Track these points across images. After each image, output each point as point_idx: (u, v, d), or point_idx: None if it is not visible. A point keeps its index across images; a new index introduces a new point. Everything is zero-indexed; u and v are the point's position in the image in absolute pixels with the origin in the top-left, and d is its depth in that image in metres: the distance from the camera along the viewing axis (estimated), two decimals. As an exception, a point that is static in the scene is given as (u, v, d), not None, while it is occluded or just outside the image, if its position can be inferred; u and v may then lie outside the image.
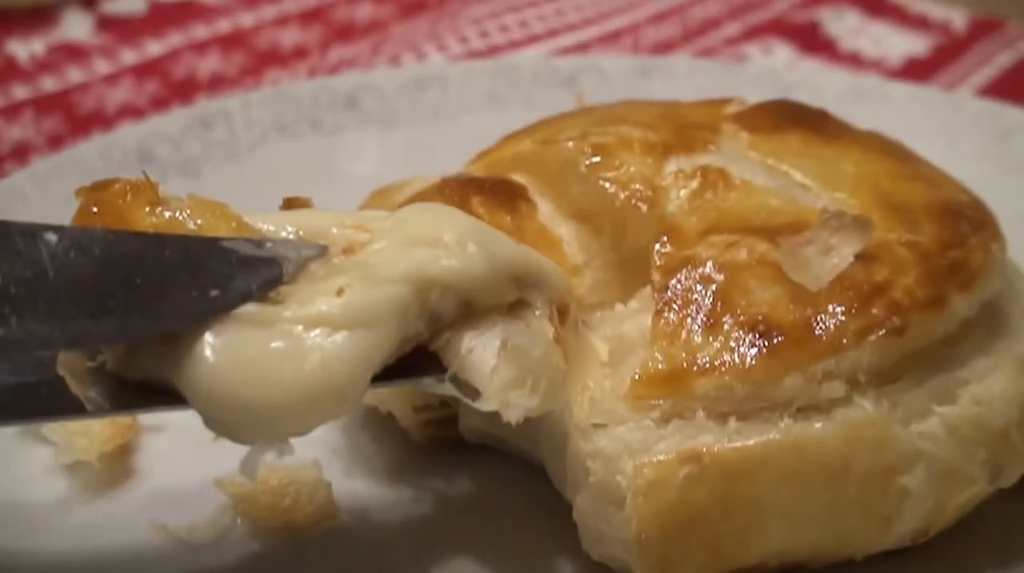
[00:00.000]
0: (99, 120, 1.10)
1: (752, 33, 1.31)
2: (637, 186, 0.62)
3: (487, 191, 0.64)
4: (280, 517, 0.61)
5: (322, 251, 0.52)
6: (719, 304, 0.56)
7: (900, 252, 0.58)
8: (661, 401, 0.55)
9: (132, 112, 1.11)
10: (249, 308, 0.49)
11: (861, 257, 0.57)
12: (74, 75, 1.19)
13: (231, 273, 0.50)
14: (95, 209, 0.51)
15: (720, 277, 0.57)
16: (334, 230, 0.54)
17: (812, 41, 1.29)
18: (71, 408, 0.50)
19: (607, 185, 0.63)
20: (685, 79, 0.97)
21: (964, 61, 1.25)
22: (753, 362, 0.54)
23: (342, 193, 0.78)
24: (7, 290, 0.46)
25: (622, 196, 0.62)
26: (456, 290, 0.53)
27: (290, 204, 0.56)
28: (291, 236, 0.53)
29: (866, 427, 0.54)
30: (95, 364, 0.50)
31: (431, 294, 0.53)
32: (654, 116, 0.68)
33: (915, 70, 1.25)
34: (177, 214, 0.51)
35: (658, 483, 0.54)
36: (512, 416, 0.53)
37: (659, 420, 0.55)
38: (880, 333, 0.55)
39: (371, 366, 0.50)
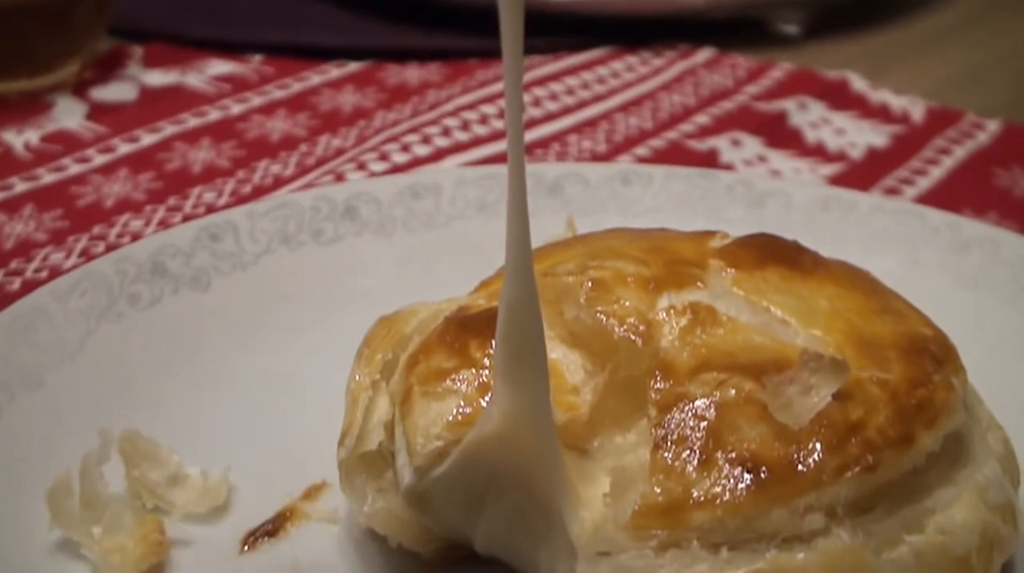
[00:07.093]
0: (99, 215, 1.14)
1: (721, 126, 1.37)
2: (632, 320, 0.68)
3: (484, 331, 0.67)
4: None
5: None
6: (711, 441, 0.61)
7: (872, 390, 0.64)
8: (659, 531, 0.60)
9: (130, 206, 1.16)
10: None
11: (837, 396, 0.62)
12: (71, 167, 1.24)
13: None
14: None
15: (712, 415, 0.62)
16: None
17: (778, 134, 1.35)
18: None
19: (604, 318, 0.68)
20: (663, 187, 1.02)
21: (923, 154, 1.32)
22: (743, 497, 0.60)
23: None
24: None
25: (619, 329, 0.67)
26: None
27: None
28: None
29: (843, 556, 0.60)
30: None
31: None
32: (645, 250, 0.73)
33: (877, 162, 1.31)
34: None
35: (658, 608, 0.59)
36: None
37: (657, 549, 0.60)
38: (856, 470, 0.61)
39: None
